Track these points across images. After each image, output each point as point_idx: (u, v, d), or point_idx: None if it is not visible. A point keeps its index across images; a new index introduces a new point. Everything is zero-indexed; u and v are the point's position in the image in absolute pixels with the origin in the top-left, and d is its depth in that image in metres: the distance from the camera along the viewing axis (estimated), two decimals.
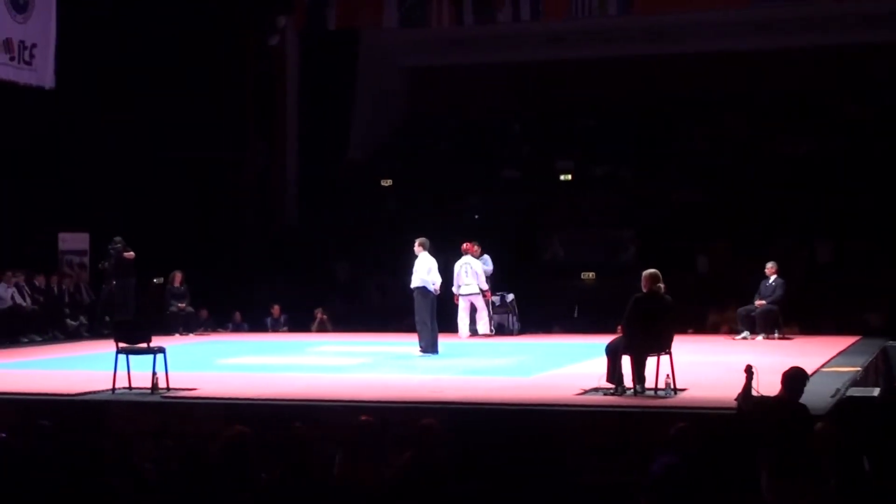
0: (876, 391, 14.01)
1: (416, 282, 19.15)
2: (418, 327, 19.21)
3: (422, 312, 19.11)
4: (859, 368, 15.92)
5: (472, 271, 22.36)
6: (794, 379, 10.84)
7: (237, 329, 25.74)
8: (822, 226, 25.81)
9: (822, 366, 16.32)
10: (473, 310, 22.74)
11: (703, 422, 11.78)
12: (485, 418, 12.54)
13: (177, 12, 25.96)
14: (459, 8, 27.62)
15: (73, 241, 25.22)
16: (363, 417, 10.06)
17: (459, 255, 22.44)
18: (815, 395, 13.19)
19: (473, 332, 22.71)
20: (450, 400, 13.25)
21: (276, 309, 25.76)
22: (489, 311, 23.04)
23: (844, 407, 12.82)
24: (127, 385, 14.30)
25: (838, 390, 13.51)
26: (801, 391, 10.81)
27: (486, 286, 22.53)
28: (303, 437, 10.12)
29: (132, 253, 23.67)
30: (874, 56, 29.14)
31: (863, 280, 24.03)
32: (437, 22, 28.19)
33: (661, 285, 13.68)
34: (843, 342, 19.70)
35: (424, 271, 19.10)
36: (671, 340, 13.65)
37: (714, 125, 29.95)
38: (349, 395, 13.86)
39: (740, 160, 28.33)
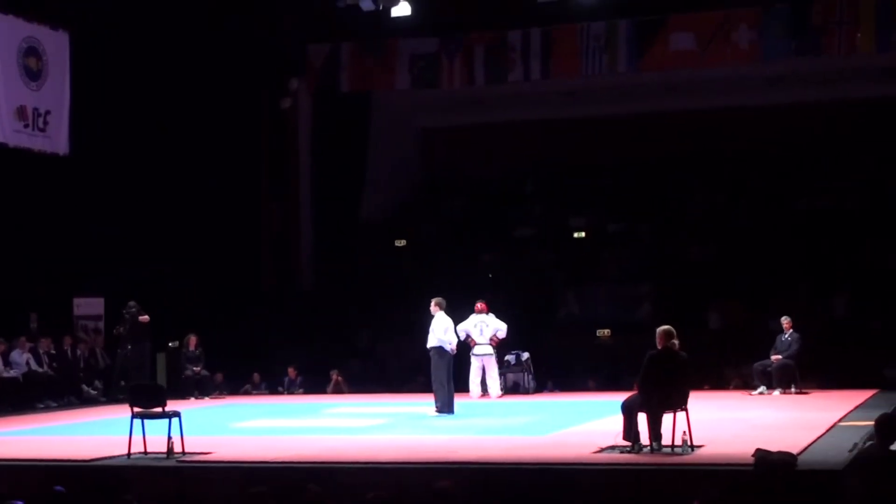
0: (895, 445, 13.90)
1: (432, 341, 19.14)
2: (434, 387, 19.18)
3: (438, 372, 19.08)
4: None
5: (490, 328, 22.40)
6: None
7: (255, 391, 25.71)
8: (839, 280, 25.76)
9: (840, 420, 16.26)
10: (485, 371, 22.74)
11: (720, 478, 11.78)
12: (501, 478, 12.48)
13: (190, 76, 26.13)
14: (471, 69, 27.80)
15: (88, 306, 25.26)
16: (371, 495, 9.97)
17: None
18: (833, 449, 13.17)
19: (484, 392, 22.68)
20: (466, 460, 13.20)
21: (291, 371, 25.75)
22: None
23: (862, 461, 12.74)
24: (143, 450, 14.28)
25: (856, 444, 13.41)
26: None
27: (505, 334, 22.54)
28: (318, 499, 10.10)
29: (147, 317, 23.72)
30: (889, 109, 29.17)
31: (879, 334, 23.97)
32: (448, 83, 28.37)
33: (676, 342, 13.65)
34: (861, 396, 19.63)
35: (441, 331, 19.10)
36: (687, 397, 13.62)
37: (728, 180, 29.97)
38: (365, 457, 13.81)
39: (755, 215, 28.31)
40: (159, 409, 14.59)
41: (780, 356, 21.68)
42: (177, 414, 14.45)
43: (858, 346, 23.54)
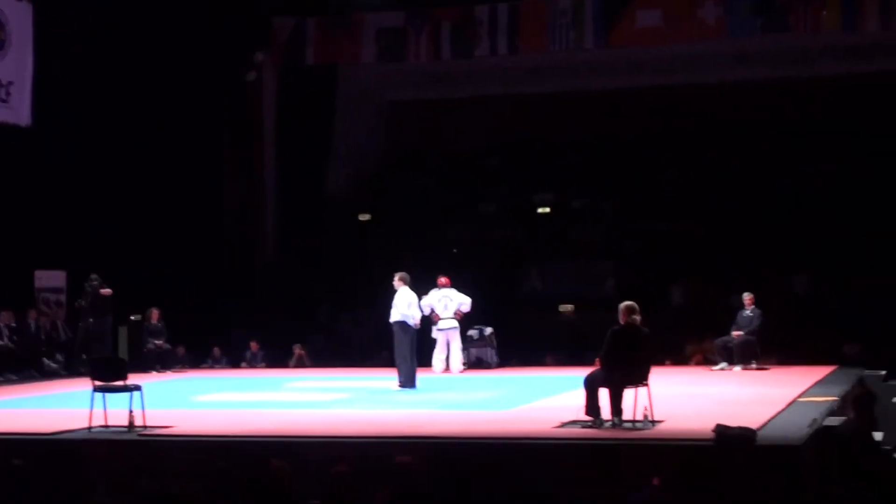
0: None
1: (395, 316, 19.12)
2: (397, 362, 19.17)
3: (401, 347, 19.08)
4: (836, 398, 15.94)
5: (454, 303, 22.41)
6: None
7: (216, 365, 25.67)
8: (800, 257, 25.90)
9: (799, 396, 16.35)
10: (448, 346, 22.76)
11: (680, 453, 11.84)
12: (462, 452, 12.49)
13: (154, 48, 25.97)
14: (437, 43, 27.78)
15: (50, 279, 25.11)
16: (338, 468, 9.97)
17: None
18: (792, 425, 13.25)
19: (447, 367, 22.71)
20: (427, 434, 13.21)
21: (253, 345, 25.71)
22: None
23: (821, 436, 12.85)
24: (103, 423, 14.21)
25: (815, 420, 13.52)
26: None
27: (469, 308, 22.58)
28: (281, 474, 10.10)
29: (109, 290, 23.60)
30: (854, 88, 29.30)
31: (839, 311, 24.12)
32: (414, 57, 28.33)
33: (638, 317, 13.69)
34: (820, 372, 19.74)
35: (404, 305, 19.08)
36: (648, 372, 13.66)
37: (692, 157, 30.05)
38: (327, 431, 13.81)
39: (718, 192, 28.42)
40: (120, 383, 14.51)
41: (741, 332, 21.77)
42: (138, 387, 14.39)
43: (818, 324, 23.69)
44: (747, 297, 22.18)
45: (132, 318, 25.17)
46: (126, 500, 10.50)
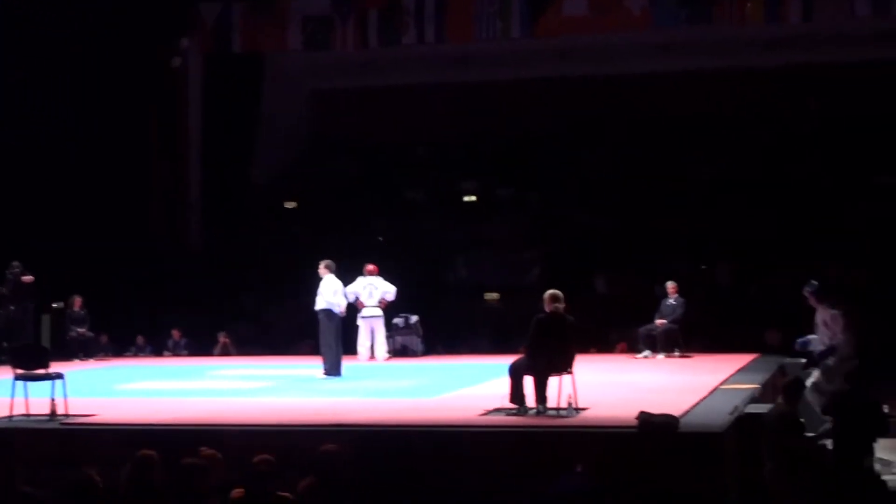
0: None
1: (320, 304, 19.07)
2: (322, 349, 19.13)
3: (327, 335, 19.03)
4: (757, 385, 16.12)
5: (379, 291, 22.42)
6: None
7: (140, 353, 25.48)
8: (722, 247, 26.15)
9: (721, 383, 16.51)
10: (373, 334, 22.77)
11: (604, 440, 11.92)
12: (387, 441, 12.50)
13: (80, 32, 25.69)
14: (364, 31, 27.67)
15: None
16: (261, 456, 9.93)
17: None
18: (714, 412, 13.39)
19: (372, 355, 22.72)
20: (352, 423, 13.19)
21: (175, 333, 25.55)
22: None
23: (744, 423, 12.99)
24: (25, 412, 14.06)
25: (737, 407, 13.66)
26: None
27: (393, 297, 22.59)
28: (209, 462, 10.04)
29: (31, 277, 23.32)
30: (774, 79, 29.65)
31: (760, 300, 24.39)
32: (341, 45, 28.20)
33: (563, 305, 13.76)
34: (742, 360, 19.93)
35: (330, 293, 19.03)
36: (573, 360, 13.74)
37: (617, 148, 30.24)
38: (251, 419, 13.75)
39: (641, 183, 28.62)
40: (42, 371, 14.38)
41: (664, 321, 21.94)
42: (60, 376, 14.26)
43: (740, 312, 23.94)
44: (670, 285, 22.35)
45: (54, 305, 24.91)
46: (48, 489, 10.39)
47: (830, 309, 15.15)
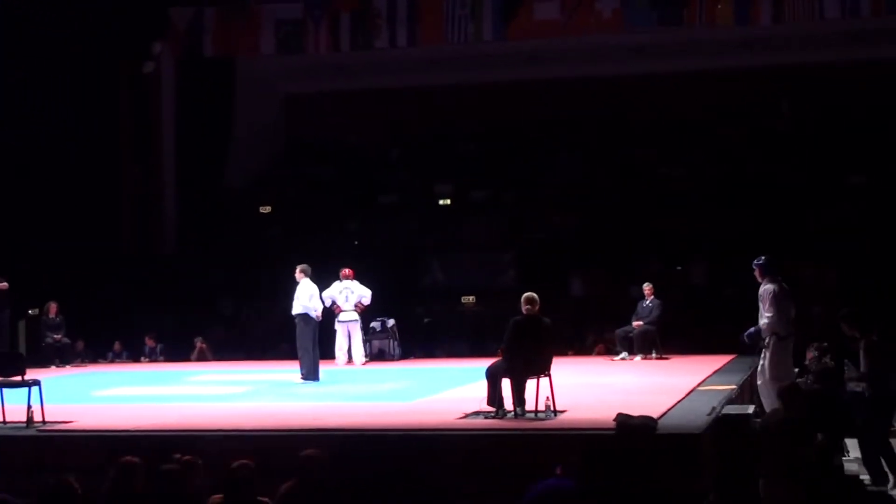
0: (751, 408, 14.26)
1: (297, 308, 19.05)
2: (300, 354, 19.11)
3: (303, 339, 19.01)
4: (734, 386, 16.17)
5: (355, 294, 22.44)
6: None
7: (116, 359, 25.41)
8: (697, 248, 26.24)
9: (699, 385, 16.57)
10: (350, 338, 22.76)
11: (582, 442, 11.94)
12: (365, 445, 12.50)
13: (50, 37, 25.61)
14: (336, 34, 27.64)
15: None
16: (239, 461, 9.92)
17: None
18: (692, 413, 13.43)
19: (349, 359, 22.71)
20: (330, 427, 13.19)
21: (149, 340, 25.50)
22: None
23: (721, 425, 13.04)
24: (1, 419, 14.02)
25: (714, 408, 13.71)
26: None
27: (370, 301, 22.61)
28: (188, 468, 10.04)
29: (5, 284, 23.22)
30: (746, 80, 29.80)
31: (736, 301, 24.43)
32: (314, 48, 28.17)
33: (538, 307, 13.79)
34: (719, 361, 20.01)
35: (306, 298, 19.02)
36: (550, 362, 13.77)
37: (591, 149, 30.31)
38: (229, 424, 13.72)
39: (616, 184, 28.71)
40: (18, 378, 14.34)
41: (641, 322, 22.02)
42: (37, 382, 14.20)
43: (716, 313, 24.00)
44: (647, 287, 22.43)
45: (30, 312, 24.83)
46: (25, 496, 10.36)
47: (771, 284, 15.14)
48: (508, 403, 13.54)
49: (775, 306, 14.64)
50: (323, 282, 20.62)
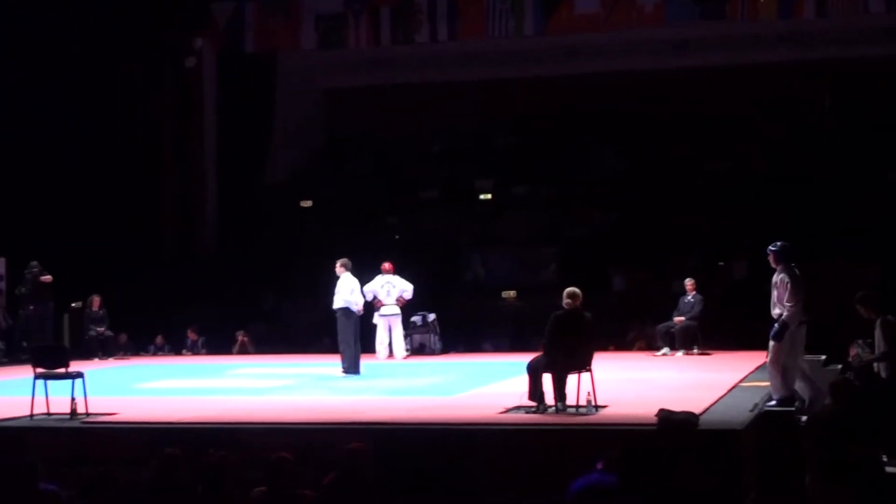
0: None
1: (338, 302, 19.11)
2: (341, 348, 19.17)
3: (345, 333, 19.08)
4: None
5: (396, 289, 22.47)
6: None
7: (158, 352, 25.54)
8: (738, 243, 26.10)
9: (741, 381, 16.52)
10: (391, 332, 22.79)
11: (623, 438, 11.92)
12: (406, 438, 12.53)
13: (93, 33, 25.75)
14: (377, 29, 27.68)
15: None
16: (280, 454, 9.97)
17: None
18: (734, 410, 13.39)
19: (390, 353, 22.73)
20: (371, 421, 13.22)
21: (191, 333, 25.61)
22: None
23: (763, 421, 12.99)
24: (45, 411, 14.14)
25: (756, 405, 13.67)
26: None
27: (411, 295, 22.66)
28: (221, 462, 10.09)
29: (49, 277, 23.41)
30: (788, 74, 29.64)
31: None
32: (354, 43, 28.21)
33: (580, 302, 13.77)
34: (761, 357, 19.79)
35: (347, 292, 19.08)
36: (591, 357, 13.74)
37: (631, 144, 30.21)
38: (270, 417, 13.79)
39: (657, 179, 28.61)
40: (62, 370, 14.45)
41: (682, 318, 21.93)
42: (80, 375, 14.32)
43: (758, 309, 23.81)
44: (689, 282, 22.34)
45: (73, 305, 24.99)
46: (69, 487, 10.44)
47: (786, 273, 15.01)
48: (549, 398, 13.52)
49: (795, 295, 14.49)
50: (363, 276, 20.66)
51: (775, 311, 14.58)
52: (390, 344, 22.74)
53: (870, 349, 14.75)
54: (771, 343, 14.42)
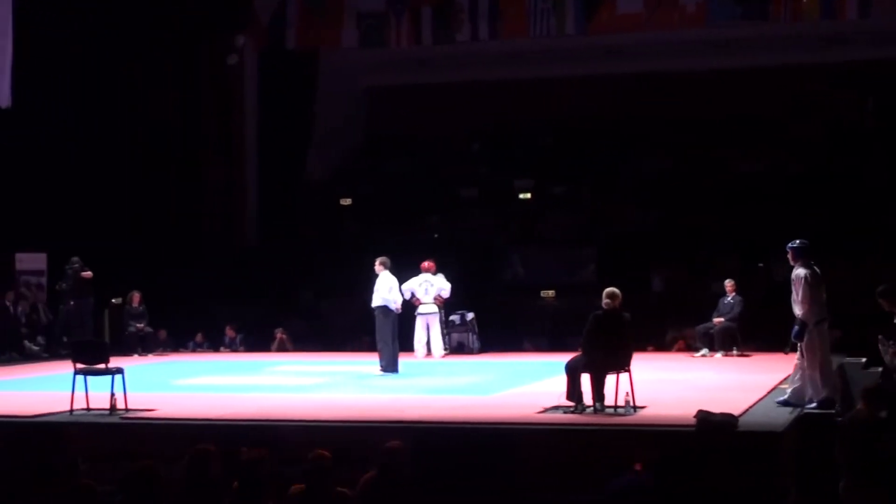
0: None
1: (377, 301, 19.15)
2: (379, 346, 19.20)
3: (383, 331, 19.11)
4: None
5: (435, 287, 22.48)
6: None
7: (197, 348, 25.64)
8: (778, 245, 25.92)
9: (780, 383, 16.42)
10: (429, 330, 22.79)
11: (661, 439, 11.88)
12: (444, 437, 12.54)
13: (134, 31, 25.87)
14: (418, 28, 27.67)
15: (30, 262, 25.02)
16: (318, 451, 9.98)
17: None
18: (773, 411, 13.33)
19: (428, 351, 22.74)
20: (409, 419, 13.24)
21: (229, 331, 25.67)
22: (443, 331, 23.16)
23: (803, 423, 12.92)
24: (85, 406, 14.22)
25: (796, 407, 13.59)
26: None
27: (449, 294, 22.64)
28: (256, 459, 10.09)
29: (90, 273, 23.56)
30: (830, 76, 29.46)
31: None
32: (395, 42, 28.21)
33: (619, 302, 13.73)
34: None
35: (385, 290, 19.11)
36: (630, 358, 13.72)
37: (672, 144, 30.10)
38: (308, 415, 13.82)
39: (698, 179, 28.49)
40: (102, 366, 14.54)
41: (722, 319, 21.86)
42: (120, 370, 14.41)
43: None
44: (729, 283, 22.26)
45: (113, 301, 25.13)
46: (109, 482, 10.48)
47: (802, 269, 14.93)
48: (588, 398, 13.50)
49: (808, 294, 14.41)
50: (402, 275, 20.68)
51: (796, 309, 14.52)
52: (428, 342, 22.75)
53: (893, 343, 14.66)
54: (799, 346, 14.35)
